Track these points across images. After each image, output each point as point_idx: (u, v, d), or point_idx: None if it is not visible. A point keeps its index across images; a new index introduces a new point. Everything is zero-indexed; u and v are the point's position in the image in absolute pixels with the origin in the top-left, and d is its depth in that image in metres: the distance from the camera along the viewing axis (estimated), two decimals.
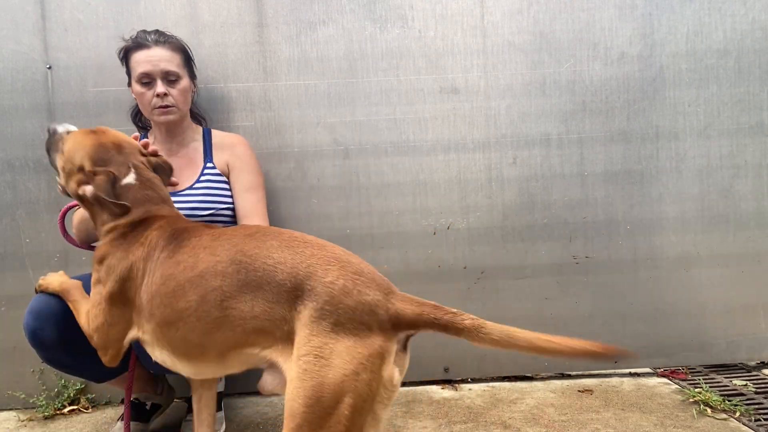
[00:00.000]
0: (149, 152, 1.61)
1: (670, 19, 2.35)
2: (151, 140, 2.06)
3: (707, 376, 2.35)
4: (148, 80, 1.91)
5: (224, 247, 1.29)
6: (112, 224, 1.47)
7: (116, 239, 1.45)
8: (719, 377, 2.33)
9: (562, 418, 2.01)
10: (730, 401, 2.04)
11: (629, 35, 2.35)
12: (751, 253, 2.41)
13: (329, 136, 2.35)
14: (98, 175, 1.46)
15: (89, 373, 1.85)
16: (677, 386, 2.27)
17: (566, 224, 2.39)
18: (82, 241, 1.88)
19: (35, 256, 2.29)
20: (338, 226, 2.36)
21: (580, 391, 2.27)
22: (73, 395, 2.28)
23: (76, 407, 2.25)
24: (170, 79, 1.93)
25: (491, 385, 2.38)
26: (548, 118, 2.37)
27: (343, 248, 1.28)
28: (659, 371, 2.43)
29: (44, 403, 2.23)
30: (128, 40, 1.96)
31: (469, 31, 2.34)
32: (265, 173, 2.22)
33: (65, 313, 1.62)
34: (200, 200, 1.95)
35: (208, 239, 1.35)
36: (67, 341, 1.67)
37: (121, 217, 1.47)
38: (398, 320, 1.16)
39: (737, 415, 1.96)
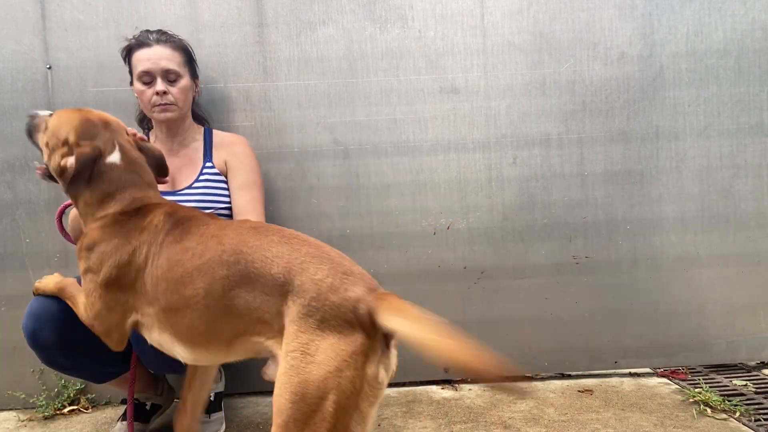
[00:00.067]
0: (136, 138, 1.61)
1: (670, 19, 2.35)
2: (152, 139, 2.06)
3: (707, 376, 2.35)
4: (148, 78, 1.92)
5: (229, 236, 1.31)
6: (102, 212, 1.45)
7: (108, 225, 1.43)
8: (719, 377, 2.33)
9: (562, 418, 2.01)
10: (730, 401, 2.04)
11: (629, 35, 2.35)
12: (751, 253, 2.41)
13: (329, 136, 2.35)
14: (82, 147, 1.44)
15: (89, 374, 1.86)
16: (677, 386, 2.27)
17: (566, 224, 2.39)
18: (77, 238, 1.87)
19: (35, 256, 2.29)
20: (338, 226, 2.36)
21: (580, 391, 2.27)
22: (73, 395, 2.28)
23: (76, 407, 2.25)
24: (170, 77, 1.93)
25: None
26: (548, 118, 2.37)
27: (339, 251, 1.29)
28: (659, 371, 2.43)
29: (44, 403, 2.23)
30: (131, 39, 1.97)
31: (469, 31, 2.34)
32: (265, 173, 2.22)
33: (64, 314, 1.62)
34: (199, 200, 1.95)
35: (215, 228, 1.36)
36: (66, 342, 1.68)
37: (103, 200, 1.45)
38: (373, 317, 1.15)
39: (737, 415, 1.96)
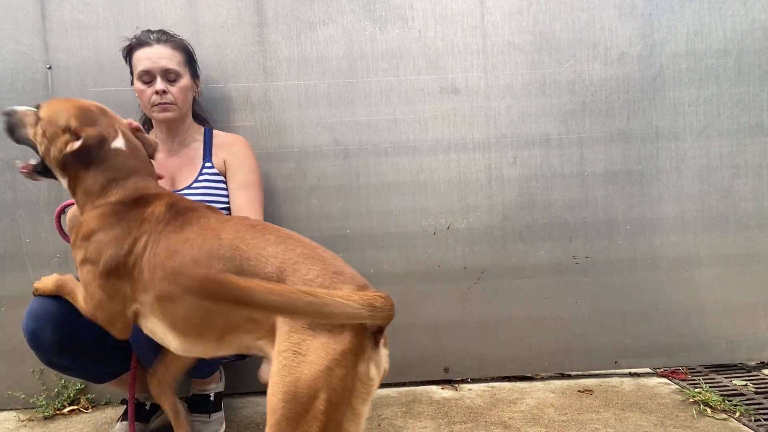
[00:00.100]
0: (132, 127, 1.61)
1: (670, 19, 2.35)
2: None
3: (707, 376, 2.35)
4: (148, 78, 1.92)
5: (228, 232, 1.32)
6: (102, 200, 1.44)
7: (108, 215, 1.42)
8: (719, 377, 2.33)
9: (562, 418, 2.01)
10: (730, 401, 2.04)
11: (629, 35, 2.35)
12: (751, 253, 2.41)
13: (329, 136, 2.35)
14: (87, 132, 1.42)
15: (89, 374, 1.86)
16: (677, 386, 2.27)
17: (566, 224, 2.39)
18: None
19: (35, 256, 2.29)
20: (338, 226, 2.36)
21: (580, 391, 2.27)
22: (73, 395, 2.28)
23: (76, 407, 2.25)
24: (170, 77, 1.93)
25: (491, 385, 2.38)
26: (548, 118, 2.37)
27: (333, 253, 1.30)
28: (659, 371, 2.43)
29: (44, 403, 2.23)
30: (132, 38, 1.98)
31: (469, 31, 2.34)
32: (265, 173, 2.22)
33: (64, 314, 1.62)
34: (198, 200, 1.94)
35: (215, 221, 1.37)
36: (66, 343, 1.68)
37: (106, 186, 1.44)
38: None
39: (737, 415, 1.96)
